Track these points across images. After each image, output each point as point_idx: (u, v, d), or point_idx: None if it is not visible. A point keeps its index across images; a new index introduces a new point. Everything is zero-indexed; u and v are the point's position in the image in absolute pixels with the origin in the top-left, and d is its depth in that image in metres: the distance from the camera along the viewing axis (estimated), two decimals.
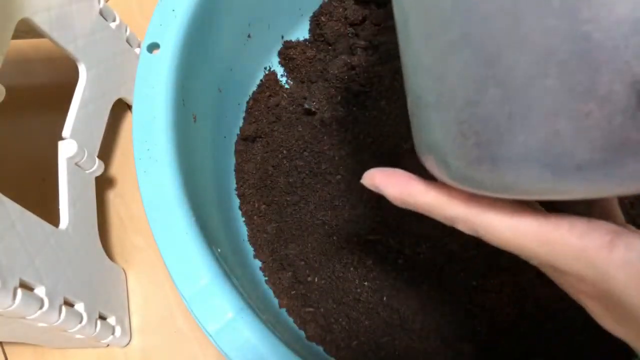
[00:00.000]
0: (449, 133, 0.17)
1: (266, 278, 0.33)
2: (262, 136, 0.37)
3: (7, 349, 0.38)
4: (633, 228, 0.16)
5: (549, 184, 0.15)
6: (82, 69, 0.35)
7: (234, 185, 0.36)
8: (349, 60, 0.37)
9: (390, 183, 0.18)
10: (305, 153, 0.36)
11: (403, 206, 0.18)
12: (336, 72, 0.37)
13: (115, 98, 0.39)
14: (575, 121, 0.14)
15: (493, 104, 0.15)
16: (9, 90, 0.28)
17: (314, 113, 0.36)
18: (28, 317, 0.26)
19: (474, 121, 0.16)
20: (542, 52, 0.14)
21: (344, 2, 0.38)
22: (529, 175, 0.15)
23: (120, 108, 0.44)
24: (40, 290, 0.27)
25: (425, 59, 0.17)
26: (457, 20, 0.15)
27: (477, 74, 0.15)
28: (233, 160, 0.36)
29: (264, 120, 0.37)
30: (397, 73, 0.35)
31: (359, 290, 0.31)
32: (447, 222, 0.18)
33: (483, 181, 0.16)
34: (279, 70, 0.39)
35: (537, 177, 0.15)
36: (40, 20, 0.30)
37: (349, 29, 0.38)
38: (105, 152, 0.43)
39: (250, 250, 0.34)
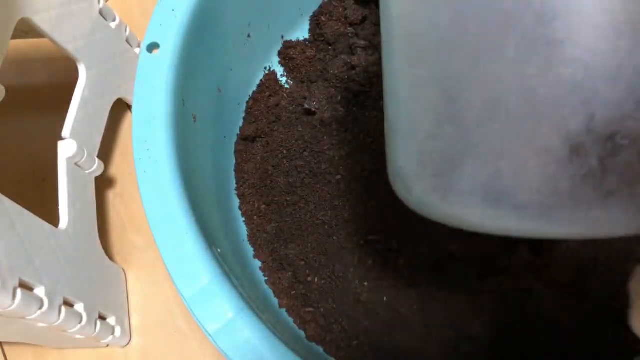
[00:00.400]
0: (412, 161, 0.18)
1: (266, 278, 0.33)
2: (262, 136, 0.37)
3: (7, 349, 0.38)
4: None
5: (491, 220, 0.16)
6: (82, 69, 0.35)
7: (234, 185, 0.36)
8: (349, 60, 0.37)
9: None
10: (305, 153, 0.36)
11: None
12: (336, 72, 0.37)
13: (115, 98, 0.39)
14: (516, 165, 0.15)
15: (449, 140, 0.16)
16: (9, 90, 0.28)
17: (314, 113, 0.36)
18: (28, 317, 0.26)
19: (432, 153, 0.17)
20: (492, 98, 0.15)
21: (344, 2, 0.38)
22: (473, 209, 0.16)
23: (120, 108, 0.44)
24: (40, 290, 0.27)
25: (399, 89, 0.18)
26: (428, 58, 0.17)
27: (438, 110, 0.16)
28: (233, 160, 0.36)
29: (264, 120, 0.37)
30: None
31: (359, 290, 0.31)
32: None
33: (437, 209, 0.18)
34: (279, 70, 0.39)
35: (480, 212, 0.16)
36: (40, 20, 0.30)
37: (349, 29, 0.38)
38: (105, 152, 0.43)
39: (250, 250, 0.34)
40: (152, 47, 0.28)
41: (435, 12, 0.16)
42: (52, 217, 0.30)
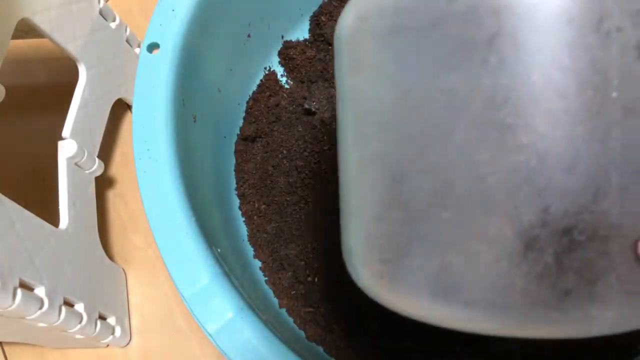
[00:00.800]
0: (359, 243, 0.17)
1: (266, 278, 0.33)
2: (262, 136, 0.37)
3: (7, 349, 0.38)
4: None
5: (441, 315, 0.15)
6: (82, 69, 0.35)
7: (234, 185, 0.36)
8: None
9: None
10: (305, 153, 0.36)
11: None
12: None
13: (115, 98, 0.39)
14: (465, 258, 0.14)
15: (395, 225, 0.15)
16: (9, 90, 0.28)
17: (314, 113, 0.36)
18: (28, 317, 0.26)
19: (378, 237, 0.16)
20: (440, 184, 0.14)
21: (344, 2, 0.38)
22: (421, 301, 0.15)
23: (120, 108, 0.44)
24: (40, 291, 0.27)
25: (348, 165, 0.18)
26: (375, 136, 0.16)
27: (384, 193, 0.15)
28: (233, 160, 0.36)
29: (264, 120, 0.37)
30: None
31: (359, 290, 0.31)
32: None
33: (384, 298, 0.16)
34: (279, 70, 0.39)
35: (428, 306, 0.15)
36: (40, 20, 0.30)
37: None
38: (105, 152, 0.43)
39: (250, 250, 0.34)
40: (152, 47, 0.28)
41: (382, 90, 0.15)
42: (52, 217, 0.30)
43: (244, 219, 0.35)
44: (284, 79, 0.39)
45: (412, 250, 0.15)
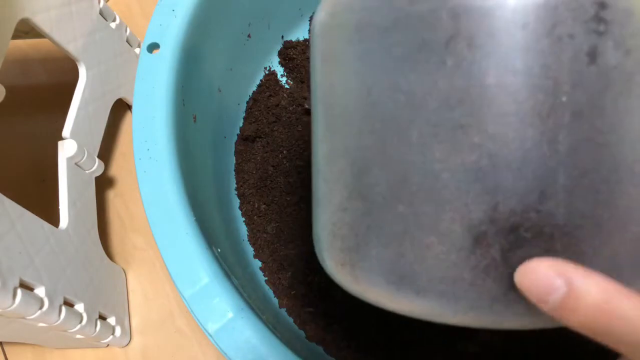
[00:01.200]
0: (325, 231, 0.18)
1: (266, 278, 0.33)
2: (262, 136, 0.37)
3: (7, 349, 0.38)
4: None
5: (397, 302, 0.16)
6: (82, 69, 0.35)
7: (234, 185, 0.36)
8: None
9: (591, 280, 0.12)
10: (306, 153, 0.36)
11: (594, 317, 0.12)
12: None
13: (115, 98, 0.39)
14: (418, 249, 0.15)
15: (356, 215, 0.16)
16: (9, 90, 0.28)
17: None
18: (28, 317, 0.26)
19: (342, 225, 0.17)
20: (398, 178, 0.15)
21: None
22: (378, 289, 0.16)
23: (120, 108, 0.44)
24: (40, 290, 0.27)
25: (318, 155, 0.18)
26: (341, 129, 0.17)
27: (348, 184, 0.16)
28: (233, 160, 0.36)
29: (264, 120, 0.37)
30: None
31: None
32: None
33: (346, 284, 0.17)
34: (279, 70, 0.39)
35: (385, 293, 0.16)
36: (40, 20, 0.30)
37: None
38: (105, 152, 0.43)
39: (250, 250, 0.34)
40: (152, 47, 0.28)
41: (347, 84, 0.16)
42: (52, 217, 0.30)
43: (244, 219, 0.35)
44: (284, 79, 0.39)
45: (370, 240, 0.16)
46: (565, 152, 0.13)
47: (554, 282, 0.12)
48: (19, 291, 0.24)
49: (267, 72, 0.39)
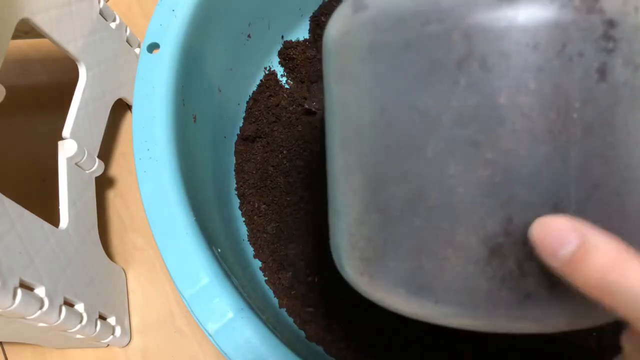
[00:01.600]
0: (344, 240, 0.18)
1: (266, 278, 0.33)
2: (262, 136, 0.37)
3: (7, 349, 0.38)
4: None
5: (416, 310, 0.16)
6: (82, 69, 0.35)
7: (234, 185, 0.36)
8: None
9: (605, 238, 0.12)
10: (305, 153, 0.36)
11: (603, 274, 0.12)
12: None
13: (115, 98, 0.39)
14: (436, 262, 0.15)
15: (373, 228, 0.17)
16: (9, 90, 0.28)
17: (314, 113, 0.36)
18: (28, 317, 0.26)
19: (359, 238, 0.17)
20: (414, 193, 0.15)
21: None
22: (397, 298, 0.16)
23: (120, 108, 0.44)
24: (40, 290, 0.27)
25: (334, 168, 0.19)
26: (357, 145, 0.17)
27: (365, 198, 0.17)
28: (233, 160, 0.36)
29: (264, 120, 0.37)
30: None
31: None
32: None
33: (365, 292, 0.18)
34: (279, 70, 0.39)
35: (404, 302, 0.16)
36: (40, 20, 0.30)
37: None
38: (105, 152, 0.43)
39: (250, 250, 0.34)
40: (152, 47, 0.28)
41: (362, 102, 0.16)
42: (52, 217, 0.30)
43: (244, 219, 0.35)
44: (284, 79, 0.39)
45: (387, 253, 0.16)
46: (577, 166, 0.13)
47: (568, 235, 0.13)
48: (19, 291, 0.24)
49: (267, 72, 0.39)
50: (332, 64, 0.18)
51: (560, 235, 0.13)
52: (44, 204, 0.31)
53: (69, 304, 0.30)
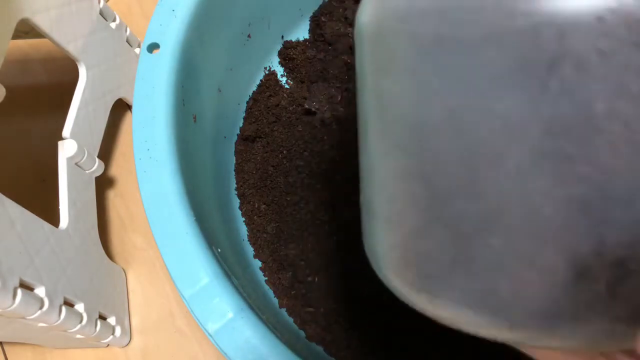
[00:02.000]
0: (394, 253, 0.16)
1: (266, 278, 0.33)
2: (262, 136, 0.37)
3: (7, 349, 0.38)
4: None
5: (482, 329, 0.15)
6: (82, 69, 0.35)
7: (234, 185, 0.36)
8: (349, 61, 0.37)
9: None
10: (306, 153, 0.36)
11: None
12: (336, 72, 0.37)
13: (115, 98, 0.39)
14: (515, 285, 0.14)
15: (437, 244, 0.15)
16: (9, 90, 0.28)
17: (314, 113, 0.36)
18: (28, 317, 0.26)
19: (417, 253, 0.15)
20: (491, 209, 0.13)
21: (344, 2, 0.38)
22: (465, 319, 0.15)
23: (120, 108, 0.44)
24: (40, 290, 0.27)
25: (376, 170, 0.17)
26: (414, 151, 0.15)
27: (424, 209, 0.15)
28: (233, 160, 0.36)
29: (264, 120, 0.37)
30: None
31: (358, 290, 0.31)
32: None
33: (419, 307, 0.16)
34: (279, 70, 0.39)
35: (473, 324, 0.15)
36: (40, 20, 0.30)
37: (349, 29, 0.38)
38: (105, 152, 0.43)
39: (250, 250, 0.34)
40: (152, 47, 0.28)
41: (419, 102, 0.14)
42: (52, 217, 0.30)
43: (244, 219, 0.35)
44: (284, 79, 0.39)
45: (455, 272, 0.14)
46: None
47: None
48: (19, 291, 0.24)
49: (267, 72, 0.39)
50: (369, 51, 0.16)
51: None
52: (44, 204, 0.31)
53: (69, 304, 0.30)
